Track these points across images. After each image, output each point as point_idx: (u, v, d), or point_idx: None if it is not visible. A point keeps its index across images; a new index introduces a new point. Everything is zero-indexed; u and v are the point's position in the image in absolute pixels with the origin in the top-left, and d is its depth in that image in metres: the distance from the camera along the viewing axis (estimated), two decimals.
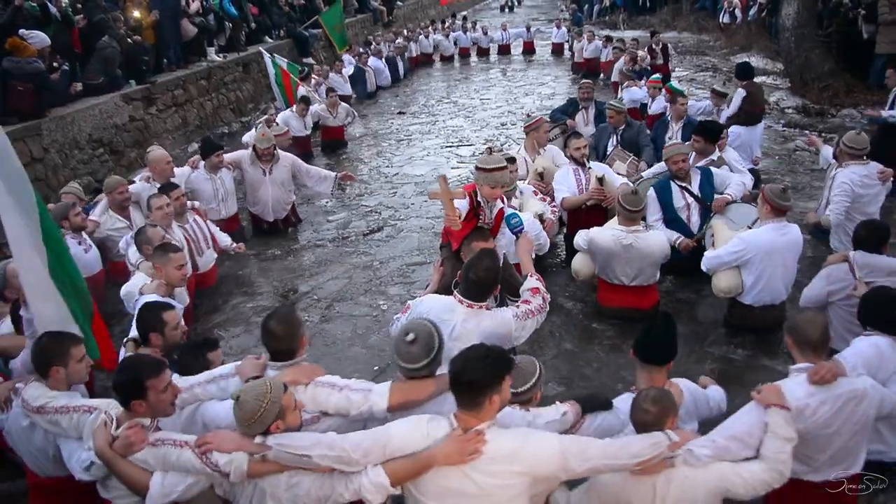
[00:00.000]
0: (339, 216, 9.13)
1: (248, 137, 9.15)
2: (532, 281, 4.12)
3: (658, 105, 10.58)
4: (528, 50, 23.88)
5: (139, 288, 4.74)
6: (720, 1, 23.61)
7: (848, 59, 13.74)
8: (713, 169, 6.72)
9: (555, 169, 7.12)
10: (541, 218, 6.23)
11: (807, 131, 11.82)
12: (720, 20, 23.04)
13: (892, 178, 6.25)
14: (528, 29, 24.39)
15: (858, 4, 13.55)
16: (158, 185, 6.59)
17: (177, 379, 3.25)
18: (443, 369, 3.24)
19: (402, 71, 19.59)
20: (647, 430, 2.96)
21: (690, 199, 6.45)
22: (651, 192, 6.41)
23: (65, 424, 3.23)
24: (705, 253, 5.58)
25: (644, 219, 6.04)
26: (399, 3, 28.24)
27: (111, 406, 3.17)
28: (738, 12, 22.23)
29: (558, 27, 24.07)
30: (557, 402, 3.44)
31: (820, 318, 3.46)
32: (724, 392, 3.78)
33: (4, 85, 8.76)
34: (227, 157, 7.88)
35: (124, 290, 4.93)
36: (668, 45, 16.00)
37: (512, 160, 6.47)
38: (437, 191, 4.65)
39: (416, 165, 11.37)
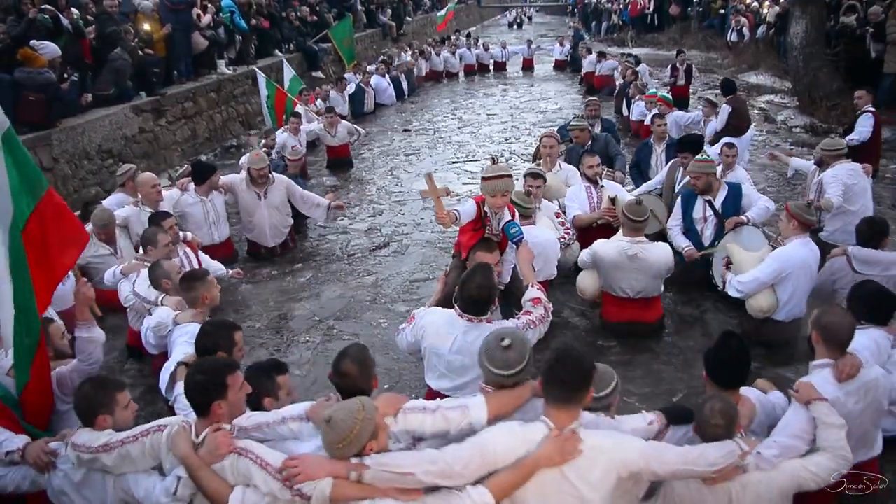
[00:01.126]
0: (342, 234, 8.94)
1: (244, 160, 8.77)
2: (533, 291, 4.12)
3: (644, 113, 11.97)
4: (528, 66, 24.13)
5: (172, 318, 4.49)
6: (728, 19, 23.69)
7: (856, 79, 13.72)
8: (744, 187, 6.69)
9: (561, 187, 7.07)
10: None
11: (815, 151, 11.81)
12: (728, 38, 23.11)
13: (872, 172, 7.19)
14: (529, 45, 24.62)
15: (866, 24, 13.57)
16: (148, 210, 6.42)
17: (246, 415, 3.16)
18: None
19: (406, 89, 19.30)
20: (717, 440, 3.01)
21: (710, 213, 6.47)
22: (679, 199, 6.61)
23: (136, 453, 3.03)
24: (736, 278, 5.45)
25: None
26: (408, 18, 28.40)
27: (173, 422, 3.09)
28: (746, 31, 22.29)
29: (561, 44, 24.35)
30: (644, 411, 3.47)
31: (849, 318, 3.57)
32: (782, 395, 3.77)
33: (16, 95, 8.83)
34: (221, 179, 7.60)
35: (153, 321, 4.60)
36: (693, 66, 15.69)
37: (537, 176, 6.31)
38: (425, 189, 4.67)
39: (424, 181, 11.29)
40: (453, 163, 12.42)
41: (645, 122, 11.62)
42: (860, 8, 14.27)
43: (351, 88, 16.53)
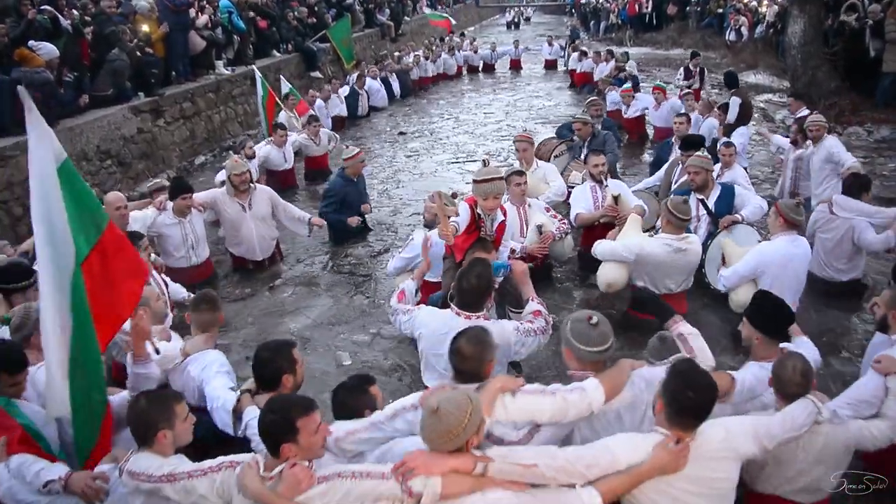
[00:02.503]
0: (348, 244, 8.48)
1: (221, 176, 8.27)
2: (534, 305, 4.15)
3: (632, 110, 12.79)
4: (515, 67, 24.29)
5: (179, 350, 4.05)
6: (727, 18, 23.71)
7: (854, 78, 13.75)
8: (736, 187, 6.74)
9: (538, 185, 7.15)
10: (540, 229, 6.32)
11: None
12: (727, 37, 23.13)
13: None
14: (517, 46, 24.76)
15: (863, 22, 13.55)
16: None
17: (347, 424, 3.09)
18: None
19: (397, 91, 18.76)
20: (796, 398, 3.25)
21: (703, 212, 6.49)
22: (671, 199, 6.47)
23: (204, 490, 2.84)
24: (721, 272, 5.54)
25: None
26: (406, 18, 28.38)
27: (247, 460, 2.90)
28: (744, 30, 22.31)
29: (550, 44, 24.54)
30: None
31: None
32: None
33: (13, 95, 8.81)
34: (199, 197, 7.12)
35: (159, 360, 4.04)
36: (706, 69, 15.46)
37: (521, 173, 6.51)
38: (431, 206, 4.72)
39: (428, 181, 11.28)
40: (453, 163, 12.41)
41: (625, 115, 12.98)
42: (861, 7, 14.26)
43: (345, 91, 16.29)
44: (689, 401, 2.81)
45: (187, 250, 6.91)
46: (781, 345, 3.75)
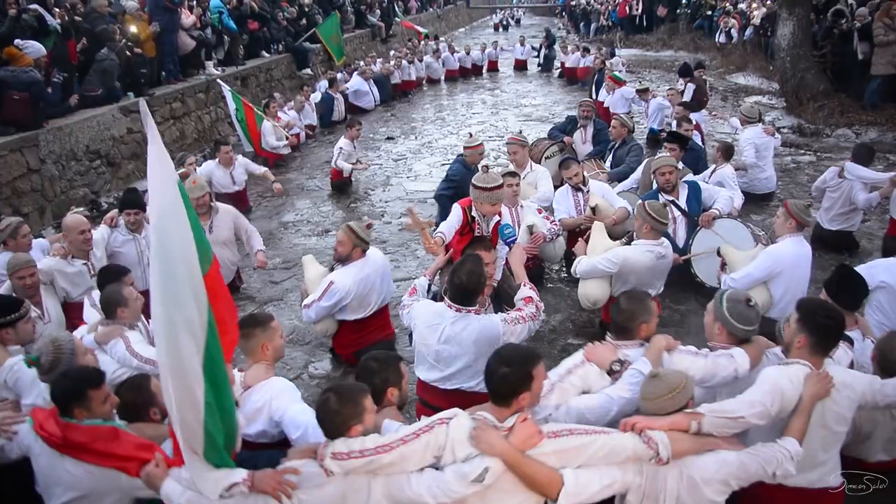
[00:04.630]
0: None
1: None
2: (525, 290, 4.19)
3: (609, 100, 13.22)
4: (493, 69, 24.31)
5: (240, 380, 3.61)
6: (716, 21, 23.83)
7: (843, 80, 13.86)
8: (701, 184, 6.80)
9: (527, 189, 7.10)
10: (530, 230, 6.31)
11: (801, 151, 11.94)
12: (716, 40, 23.25)
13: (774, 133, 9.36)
14: (496, 47, 24.88)
15: (852, 25, 13.65)
16: (78, 262, 5.48)
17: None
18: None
19: (376, 96, 17.77)
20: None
21: (677, 213, 6.51)
22: (638, 204, 6.40)
23: (418, 449, 2.82)
24: (730, 276, 5.41)
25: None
26: (397, 19, 28.37)
27: (460, 415, 2.92)
28: (734, 32, 22.43)
29: (522, 44, 24.90)
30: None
31: None
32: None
33: (1, 94, 8.76)
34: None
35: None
36: (709, 80, 15.14)
37: (514, 175, 6.50)
38: (409, 223, 4.76)
39: (421, 183, 11.24)
40: (445, 164, 12.36)
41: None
42: (847, 11, 14.38)
43: (317, 97, 15.54)
44: (830, 328, 3.21)
45: (143, 270, 5.91)
46: None
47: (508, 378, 2.88)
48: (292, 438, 3.41)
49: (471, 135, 7.18)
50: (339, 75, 17.43)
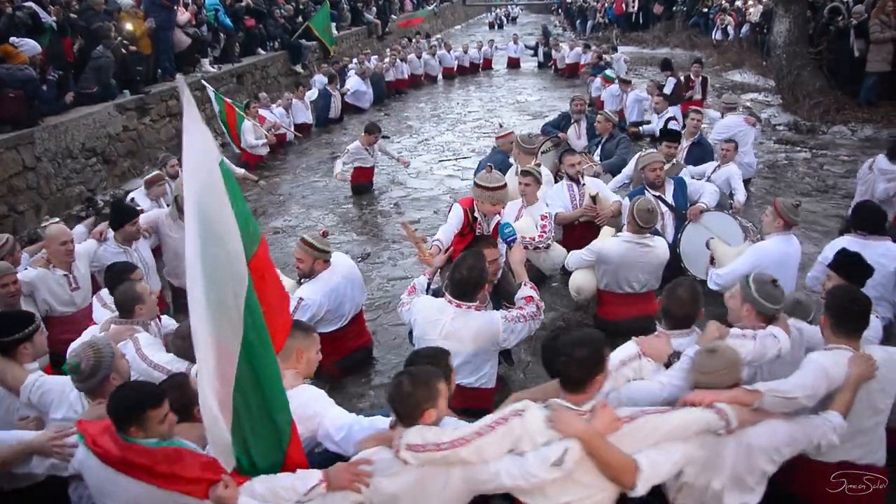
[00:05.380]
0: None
1: (137, 194, 7.37)
2: (526, 290, 4.20)
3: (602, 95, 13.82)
4: (488, 67, 24.31)
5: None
6: (712, 18, 23.85)
7: (839, 77, 13.88)
8: (686, 179, 6.83)
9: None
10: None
11: (797, 148, 11.96)
12: (713, 37, 23.26)
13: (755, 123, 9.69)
14: (491, 45, 24.90)
15: (848, 22, 13.68)
16: (60, 273, 5.27)
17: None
18: None
19: (370, 96, 17.33)
20: None
21: (664, 209, 6.50)
22: (625, 201, 6.40)
23: (493, 442, 2.82)
24: (715, 271, 5.47)
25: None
26: (393, 16, 28.34)
27: (532, 406, 2.92)
28: (730, 29, 22.45)
29: (515, 42, 24.97)
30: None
31: None
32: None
33: None
34: (141, 219, 6.07)
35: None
36: (708, 78, 15.03)
37: (528, 174, 6.30)
38: (405, 235, 4.76)
39: (424, 180, 11.23)
40: (441, 161, 12.38)
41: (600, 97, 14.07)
42: (843, 9, 14.40)
43: (313, 94, 15.32)
44: (855, 311, 3.41)
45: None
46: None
47: (586, 361, 2.89)
48: (336, 440, 3.23)
49: (501, 125, 7.14)
50: (339, 73, 17.34)
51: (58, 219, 6.59)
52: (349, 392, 5.40)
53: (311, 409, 3.27)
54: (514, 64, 24.43)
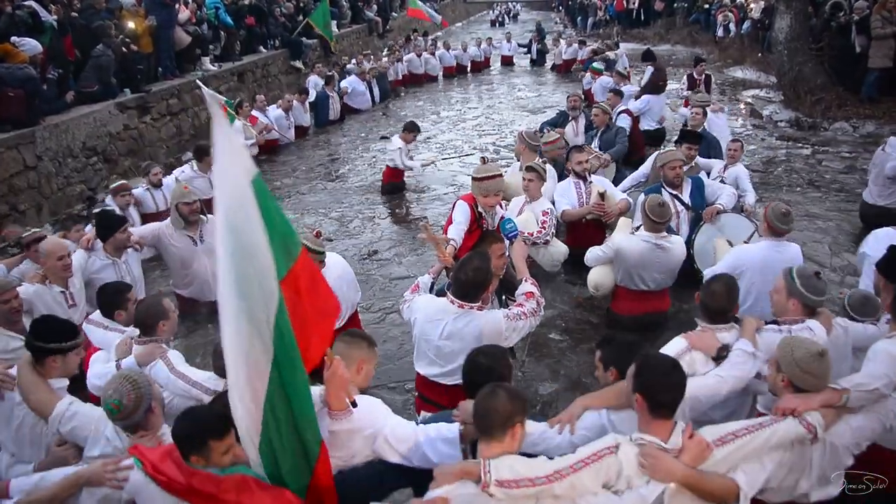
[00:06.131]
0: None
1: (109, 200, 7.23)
2: (527, 286, 4.19)
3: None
4: (486, 65, 24.24)
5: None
6: (714, 14, 23.79)
7: (840, 73, 13.84)
8: (705, 179, 6.79)
9: (518, 186, 6.94)
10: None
11: (799, 144, 11.94)
12: (714, 33, 23.21)
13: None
14: (489, 43, 24.93)
15: (849, 18, 13.64)
16: (57, 289, 5.11)
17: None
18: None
19: (376, 96, 17.49)
20: None
21: (680, 208, 6.49)
22: (640, 198, 6.35)
23: (588, 478, 2.76)
24: (706, 271, 5.42)
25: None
26: (394, 14, 28.29)
27: (624, 442, 2.86)
28: (731, 26, 22.39)
29: (508, 41, 25.14)
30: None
31: None
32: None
33: None
34: (138, 232, 6.02)
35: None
36: (712, 76, 14.87)
37: (532, 170, 6.34)
38: (424, 236, 4.75)
39: (428, 176, 11.22)
40: (444, 159, 12.35)
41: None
42: (846, 4, 14.36)
43: (312, 96, 15.13)
44: None
45: None
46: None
47: (683, 386, 2.91)
48: (401, 452, 3.08)
49: (547, 130, 7.11)
50: (350, 66, 17.56)
51: (39, 230, 6.30)
52: None
53: (369, 419, 3.09)
54: (507, 62, 24.58)
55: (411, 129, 10.14)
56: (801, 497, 3.14)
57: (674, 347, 3.56)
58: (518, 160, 7.70)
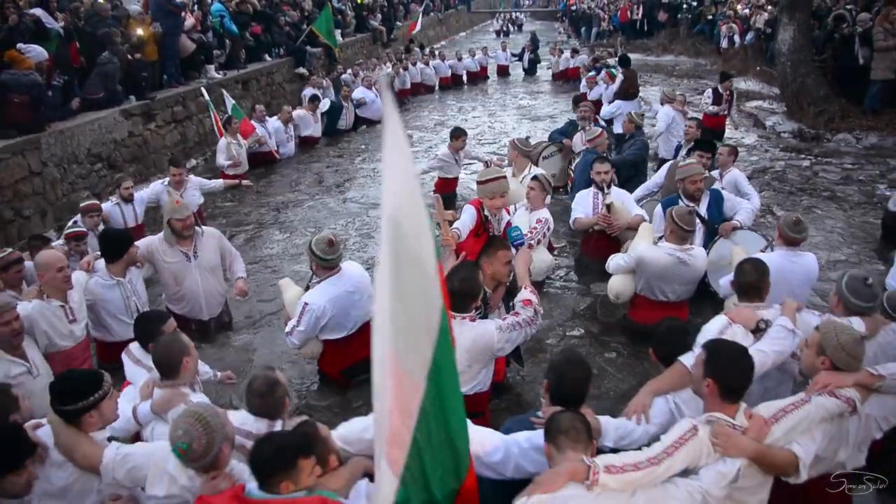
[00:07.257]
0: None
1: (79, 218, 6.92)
2: (525, 293, 4.18)
3: (595, 93, 14.30)
4: (484, 75, 24.31)
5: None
6: (717, 25, 23.86)
7: (843, 85, 13.87)
8: (724, 193, 6.72)
9: (520, 193, 6.90)
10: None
11: (801, 155, 11.95)
12: (718, 44, 23.27)
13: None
14: (484, 52, 24.94)
15: (852, 30, 13.68)
16: (56, 303, 4.81)
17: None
18: None
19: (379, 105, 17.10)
20: None
21: (696, 221, 6.43)
22: (658, 209, 6.42)
23: (678, 462, 2.90)
24: (720, 280, 5.41)
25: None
26: (398, 23, 28.40)
27: (700, 423, 3.03)
28: (735, 37, 22.44)
29: (504, 50, 25.46)
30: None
31: None
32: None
33: (2, 97, 8.79)
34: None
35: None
36: (735, 92, 14.35)
37: (535, 179, 6.34)
38: (433, 212, 4.75)
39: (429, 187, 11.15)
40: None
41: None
42: (849, 16, 14.40)
43: (325, 105, 15.04)
44: None
45: (131, 316, 5.31)
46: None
47: (752, 371, 3.12)
48: (488, 463, 3.03)
49: (488, 164, 7.59)
50: (345, 76, 17.46)
51: (11, 249, 5.55)
52: (351, 398, 5.40)
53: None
54: (503, 72, 24.78)
55: (458, 135, 9.40)
56: (837, 466, 3.32)
57: (716, 324, 3.85)
58: (511, 167, 7.70)
